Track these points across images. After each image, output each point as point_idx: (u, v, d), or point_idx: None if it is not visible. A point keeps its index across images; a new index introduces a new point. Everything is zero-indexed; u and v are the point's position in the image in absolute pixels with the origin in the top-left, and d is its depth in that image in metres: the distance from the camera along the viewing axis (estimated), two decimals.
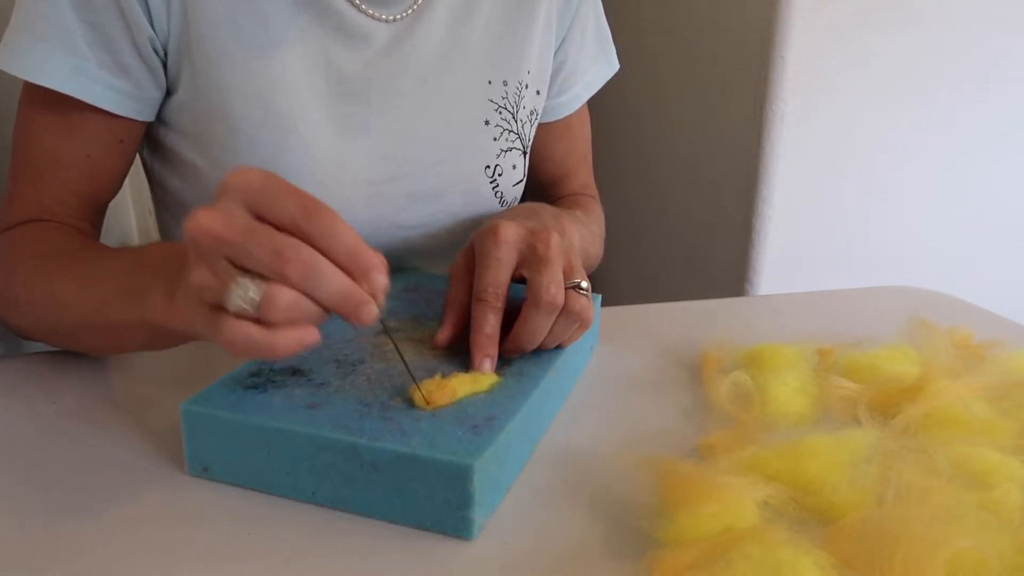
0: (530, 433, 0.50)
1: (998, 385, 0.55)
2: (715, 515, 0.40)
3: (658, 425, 0.54)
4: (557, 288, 0.50)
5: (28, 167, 0.65)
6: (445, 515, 0.42)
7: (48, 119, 0.64)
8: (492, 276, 0.51)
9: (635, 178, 1.66)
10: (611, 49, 0.85)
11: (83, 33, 0.60)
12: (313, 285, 0.39)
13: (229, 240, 0.38)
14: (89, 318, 0.54)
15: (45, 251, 0.60)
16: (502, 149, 0.75)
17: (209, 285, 0.40)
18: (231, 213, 0.39)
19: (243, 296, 0.39)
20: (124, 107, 0.63)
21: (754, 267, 1.32)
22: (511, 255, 0.52)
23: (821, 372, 0.59)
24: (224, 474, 0.46)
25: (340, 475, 0.43)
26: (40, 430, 0.52)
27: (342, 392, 0.47)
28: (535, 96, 0.78)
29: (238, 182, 0.40)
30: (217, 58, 0.63)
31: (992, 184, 1.37)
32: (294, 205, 0.39)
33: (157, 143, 0.70)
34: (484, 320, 0.51)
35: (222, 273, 0.39)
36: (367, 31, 0.68)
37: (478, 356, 0.50)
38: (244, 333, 0.39)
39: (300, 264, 0.38)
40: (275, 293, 0.38)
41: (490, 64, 0.74)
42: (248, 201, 0.39)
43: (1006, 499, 0.43)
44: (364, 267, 0.40)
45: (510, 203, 0.79)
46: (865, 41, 1.23)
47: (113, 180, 0.68)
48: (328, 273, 0.39)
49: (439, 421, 0.44)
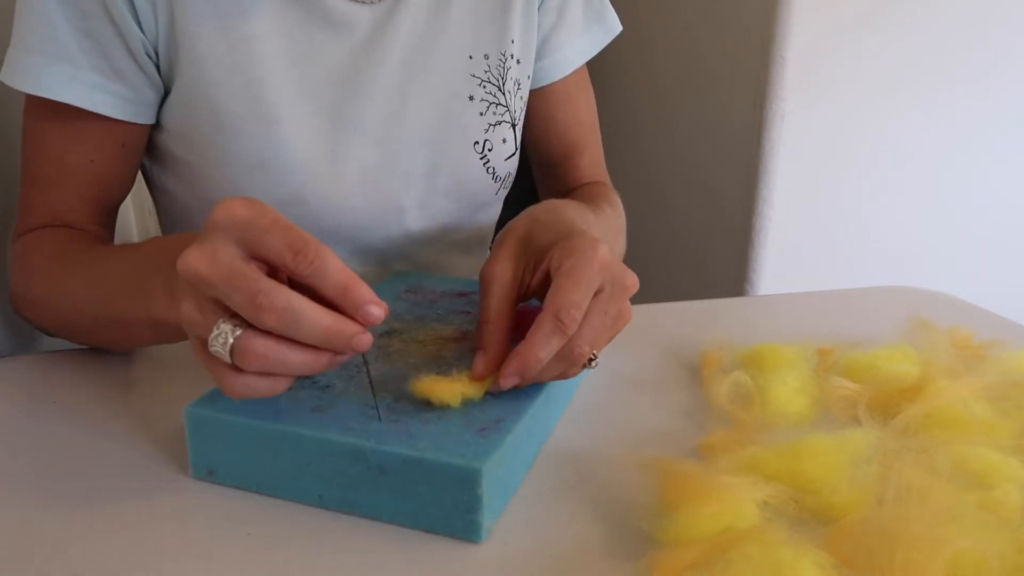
0: (536, 435, 0.49)
1: (998, 385, 0.55)
2: (715, 515, 0.40)
3: (658, 425, 0.54)
4: (590, 349, 0.46)
5: (37, 176, 0.66)
6: (453, 518, 0.41)
7: (51, 129, 0.65)
8: (579, 297, 0.44)
9: (635, 178, 1.66)
10: (608, 13, 0.83)
11: (77, 42, 0.61)
12: (292, 330, 0.39)
13: (212, 282, 0.38)
14: (100, 316, 0.55)
15: (56, 253, 0.62)
16: (490, 123, 0.75)
17: (196, 322, 0.40)
18: (217, 252, 0.39)
19: (220, 341, 0.39)
20: (123, 111, 0.64)
21: (754, 267, 1.32)
22: (598, 282, 0.46)
23: (821, 372, 0.59)
24: (229, 477, 0.46)
25: (347, 478, 0.43)
26: (41, 431, 0.52)
27: (347, 394, 0.47)
28: (518, 66, 0.77)
29: (224, 217, 0.39)
30: (203, 53, 0.64)
31: (992, 184, 1.37)
32: (281, 243, 0.39)
33: (152, 145, 0.70)
34: (547, 342, 0.44)
35: (205, 311, 0.40)
36: (350, 18, 0.68)
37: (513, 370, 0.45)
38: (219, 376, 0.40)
39: (275, 312, 0.38)
40: (249, 343, 0.39)
41: (472, 39, 0.73)
42: (236, 238, 0.39)
43: (1006, 499, 0.43)
44: (356, 302, 0.40)
45: (503, 178, 0.78)
46: (865, 41, 1.23)
47: (120, 184, 0.69)
48: (307, 316, 0.39)
49: (446, 424, 0.44)
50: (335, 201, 0.70)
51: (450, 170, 0.74)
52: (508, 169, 0.78)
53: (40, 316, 0.63)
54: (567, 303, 0.44)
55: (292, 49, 0.66)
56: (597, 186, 0.85)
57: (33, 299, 0.62)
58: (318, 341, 0.39)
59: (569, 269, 0.45)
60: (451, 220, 0.77)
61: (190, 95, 0.65)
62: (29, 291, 0.62)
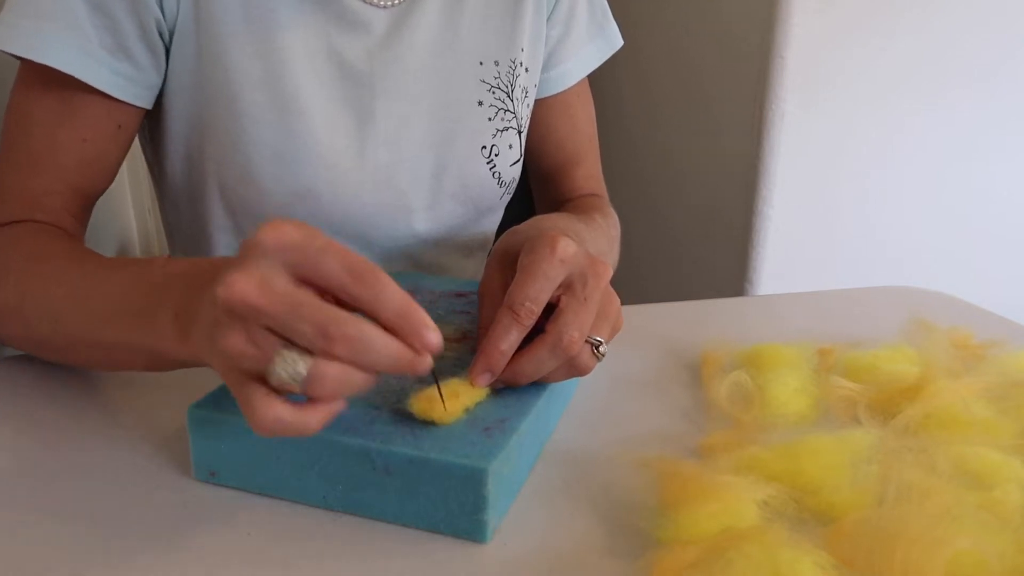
0: (538, 435, 0.50)
1: (998, 385, 0.55)
2: (715, 515, 0.40)
3: (658, 425, 0.54)
4: (580, 336, 0.46)
5: (21, 153, 0.62)
6: (459, 518, 0.41)
7: (47, 101, 0.62)
8: (534, 290, 0.46)
9: (635, 178, 1.66)
10: (610, 27, 0.84)
11: (88, 14, 0.60)
12: (362, 359, 0.37)
13: (270, 313, 0.36)
14: (85, 334, 0.51)
15: (39, 255, 0.57)
16: (497, 129, 0.76)
17: (247, 354, 0.37)
18: (270, 280, 0.36)
19: (289, 371, 0.36)
20: (126, 92, 0.63)
21: (754, 267, 1.32)
22: (560, 275, 0.47)
23: (821, 372, 0.59)
24: (231, 479, 0.45)
25: (351, 479, 0.43)
26: (41, 432, 0.52)
27: (350, 395, 0.47)
28: (527, 74, 0.78)
29: (274, 240, 0.36)
30: (225, 39, 0.64)
31: (992, 183, 1.37)
32: (340, 267, 0.37)
33: (158, 131, 0.70)
34: (506, 334, 0.46)
35: (263, 344, 0.36)
36: (367, 18, 0.69)
37: (481, 367, 0.46)
38: (276, 416, 0.37)
39: (347, 341, 0.36)
40: (323, 369, 0.36)
41: (482, 44, 0.74)
42: (288, 262, 0.37)
43: (1006, 499, 0.43)
44: (414, 327, 0.38)
45: (509, 184, 0.79)
46: (865, 41, 1.23)
47: (107, 169, 0.66)
48: (378, 344, 0.37)
49: (450, 424, 0.44)
50: (347, 196, 0.70)
51: (458, 173, 0.74)
52: (513, 175, 0.79)
53: (5, 324, 0.56)
54: (521, 296, 0.46)
55: (312, 44, 0.67)
56: (591, 199, 0.85)
57: (2, 304, 0.55)
58: (386, 368, 0.38)
59: (527, 264, 0.47)
60: (457, 223, 0.78)
61: (209, 81, 0.65)
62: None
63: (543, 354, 0.46)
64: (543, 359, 0.46)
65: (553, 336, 0.46)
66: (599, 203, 0.84)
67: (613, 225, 0.80)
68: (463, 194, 0.76)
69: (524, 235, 0.52)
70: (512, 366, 0.47)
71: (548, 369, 0.47)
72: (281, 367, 0.36)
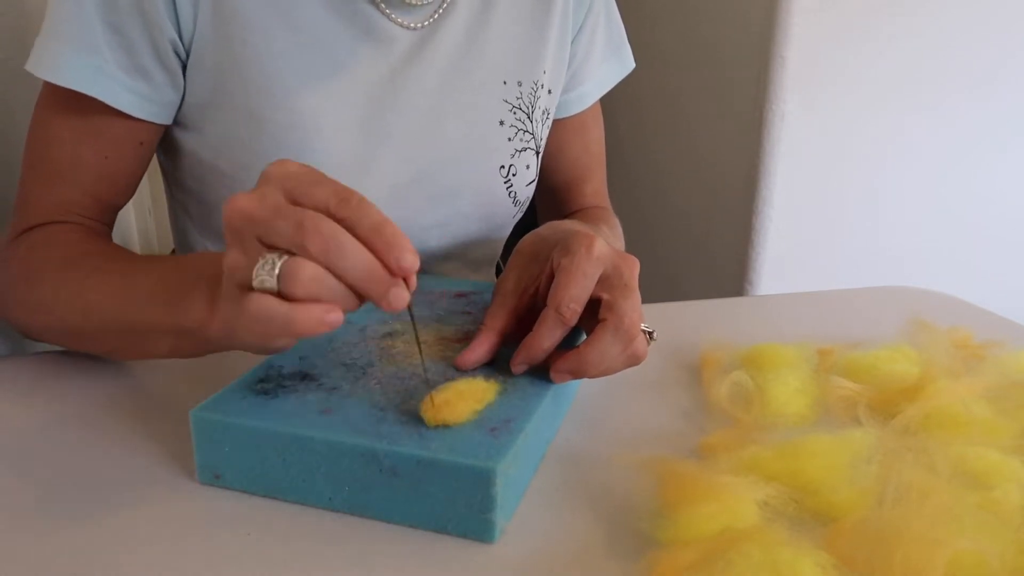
0: (543, 434, 0.50)
1: (998, 385, 0.55)
2: (715, 515, 0.41)
3: (658, 425, 0.54)
4: (639, 318, 0.48)
5: (45, 170, 0.64)
6: (466, 519, 0.41)
7: (69, 122, 0.64)
8: (577, 290, 0.48)
9: (634, 178, 1.66)
10: (625, 48, 0.85)
11: (105, 35, 0.61)
12: (334, 259, 0.38)
13: (258, 218, 0.39)
14: (117, 321, 0.53)
15: (73, 253, 0.60)
16: (516, 149, 0.76)
17: (239, 264, 0.41)
18: (265, 195, 0.40)
19: (267, 268, 0.39)
20: (143, 110, 0.64)
21: (754, 267, 1.32)
22: (597, 272, 0.49)
23: (821, 372, 0.59)
24: (236, 481, 0.45)
25: (357, 480, 0.43)
26: (43, 434, 0.52)
27: (355, 396, 0.47)
28: (548, 96, 0.78)
29: (278, 171, 0.41)
30: (246, 59, 0.64)
31: (992, 184, 1.37)
32: (328, 191, 0.40)
33: (176, 147, 0.70)
34: (551, 333, 0.48)
35: (250, 251, 0.40)
36: (393, 36, 0.68)
37: (523, 359, 0.49)
38: (264, 306, 0.39)
39: (320, 237, 0.38)
40: (295, 265, 0.38)
41: (505, 65, 0.74)
42: (285, 187, 0.40)
43: (1006, 499, 0.43)
44: (388, 242, 0.39)
45: (523, 203, 0.79)
46: (865, 41, 1.23)
47: (129, 183, 0.68)
48: (350, 248, 0.39)
49: (456, 424, 0.44)
50: None
51: (475, 192, 0.74)
52: (528, 194, 0.79)
53: (41, 318, 0.59)
54: (566, 298, 0.48)
55: (336, 61, 0.66)
56: (596, 209, 0.86)
57: (37, 300, 0.58)
58: (359, 277, 0.39)
59: (566, 265, 0.49)
60: (469, 240, 0.78)
61: (229, 100, 0.65)
62: (32, 292, 0.59)
63: (606, 341, 0.48)
64: (607, 347, 0.48)
65: (615, 319, 0.48)
66: (604, 214, 0.85)
67: (618, 237, 0.82)
68: (478, 213, 0.76)
69: (552, 238, 0.54)
70: (579, 358, 0.48)
71: (612, 356, 0.49)
72: (260, 266, 0.39)
